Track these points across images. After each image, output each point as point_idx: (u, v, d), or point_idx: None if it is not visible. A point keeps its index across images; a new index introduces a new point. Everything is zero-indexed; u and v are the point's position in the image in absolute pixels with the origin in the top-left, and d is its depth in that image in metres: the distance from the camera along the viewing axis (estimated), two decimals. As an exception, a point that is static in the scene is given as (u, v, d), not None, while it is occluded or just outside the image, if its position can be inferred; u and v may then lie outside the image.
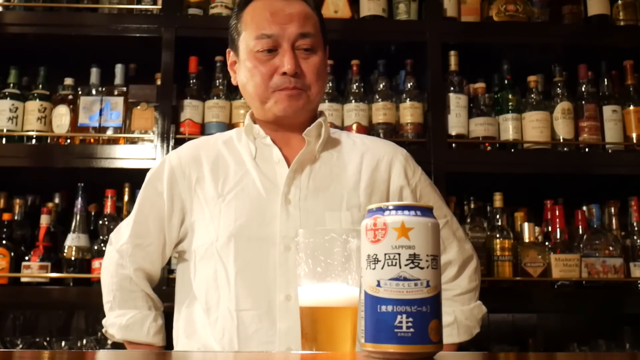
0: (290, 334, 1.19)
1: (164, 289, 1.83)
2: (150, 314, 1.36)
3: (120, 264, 1.36)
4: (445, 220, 1.38)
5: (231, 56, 1.41)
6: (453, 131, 2.07)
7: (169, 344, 1.37)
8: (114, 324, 1.34)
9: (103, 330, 1.38)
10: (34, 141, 2.07)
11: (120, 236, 1.39)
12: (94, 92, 2.12)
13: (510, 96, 2.12)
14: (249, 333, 1.22)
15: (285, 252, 1.24)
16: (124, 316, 1.34)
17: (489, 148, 2.10)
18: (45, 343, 2.05)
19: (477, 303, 1.39)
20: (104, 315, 1.38)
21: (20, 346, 2.03)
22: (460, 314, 1.35)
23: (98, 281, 1.93)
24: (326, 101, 2.08)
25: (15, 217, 2.07)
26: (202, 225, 1.30)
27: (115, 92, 2.11)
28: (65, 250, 2.00)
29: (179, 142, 1.94)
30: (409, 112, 2.07)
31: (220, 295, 1.25)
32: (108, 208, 2.06)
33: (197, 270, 1.30)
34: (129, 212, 1.70)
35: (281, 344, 1.20)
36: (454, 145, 2.07)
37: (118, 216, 2.06)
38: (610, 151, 2.11)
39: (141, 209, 1.38)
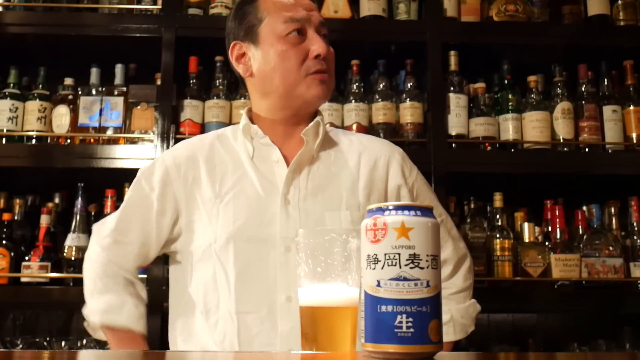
0: (292, 335, 1.19)
1: (164, 288, 1.83)
2: (130, 299, 1.34)
3: (102, 255, 1.36)
4: (440, 219, 1.38)
5: (237, 49, 1.37)
6: (453, 131, 2.07)
7: (165, 344, 1.37)
8: (93, 309, 1.33)
9: (85, 324, 1.36)
10: (34, 141, 2.07)
11: (104, 228, 1.38)
12: (94, 92, 2.12)
13: (510, 96, 2.12)
14: (250, 335, 1.21)
15: (286, 253, 1.23)
16: (102, 299, 1.33)
17: (489, 148, 2.10)
18: (45, 343, 2.05)
19: (471, 301, 1.41)
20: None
21: (20, 346, 2.03)
22: (456, 313, 1.36)
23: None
24: (326, 101, 2.08)
25: (15, 217, 2.07)
26: (199, 227, 1.29)
27: (115, 92, 2.11)
28: (65, 250, 2.00)
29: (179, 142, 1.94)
30: (409, 112, 2.07)
31: (219, 298, 1.24)
32: (108, 208, 2.06)
33: (195, 272, 1.29)
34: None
35: (283, 346, 1.19)
36: (454, 145, 2.07)
37: (118, 216, 2.06)
38: (610, 151, 2.11)
39: (127, 207, 1.37)
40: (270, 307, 1.21)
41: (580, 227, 2.08)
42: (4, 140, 2.06)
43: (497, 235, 2.02)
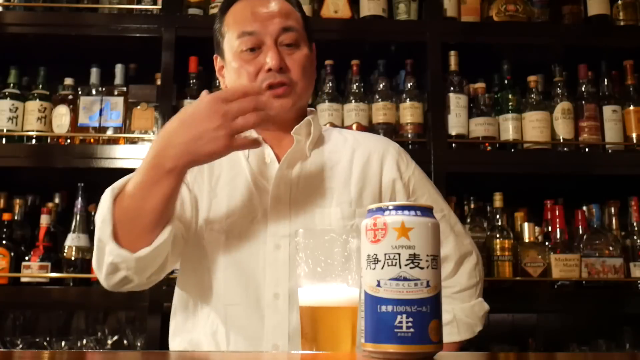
0: (277, 331, 1.20)
1: (164, 288, 1.83)
2: None
3: None
4: (442, 214, 1.37)
5: (218, 61, 1.41)
6: (453, 131, 2.07)
7: (165, 344, 1.37)
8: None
9: (108, 263, 1.13)
10: (34, 141, 2.07)
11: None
12: (94, 92, 2.12)
13: (510, 96, 2.12)
14: (236, 329, 1.22)
15: (275, 251, 1.24)
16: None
17: (489, 148, 2.10)
18: (45, 343, 2.05)
19: (478, 300, 1.37)
20: (103, 315, 1.35)
21: (20, 346, 2.03)
22: (459, 312, 1.34)
23: (98, 281, 1.95)
24: (326, 101, 2.08)
25: (15, 217, 2.07)
26: (194, 221, 1.30)
27: (115, 92, 2.11)
28: (65, 250, 2.00)
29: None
30: (409, 112, 2.07)
31: (209, 291, 1.26)
32: (108, 208, 2.05)
33: (188, 265, 1.31)
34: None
35: (268, 341, 1.20)
36: (454, 145, 2.07)
37: (118, 216, 2.05)
38: (610, 151, 2.11)
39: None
40: (258, 303, 1.22)
41: (580, 227, 2.08)
42: (4, 140, 2.06)
43: (497, 235, 2.02)
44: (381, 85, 2.12)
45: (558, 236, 2.04)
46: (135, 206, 1.12)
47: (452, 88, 2.09)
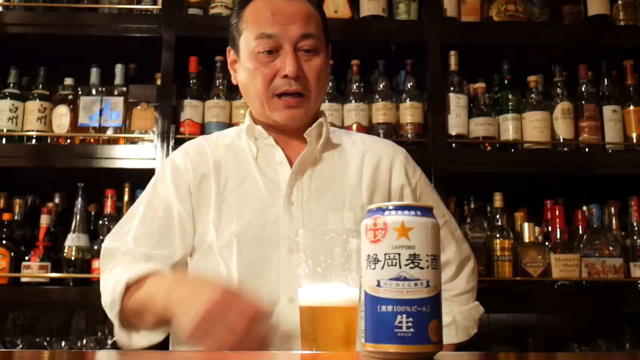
0: (293, 336, 1.19)
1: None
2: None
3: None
4: (444, 219, 1.38)
5: (231, 55, 1.39)
6: (453, 131, 2.07)
7: (165, 344, 1.36)
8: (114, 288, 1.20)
9: (117, 334, 1.24)
10: (34, 141, 2.07)
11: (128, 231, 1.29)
12: (94, 92, 2.12)
13: (510, 96, 2.12)
14: None
15: (289, 254, 1.23)
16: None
17: (489, 148, 2.10)
18: (45, 343, 2.05)
19: (474, 303, 1.40)
20: (103, 315, 1.33)
21: (20, 346, 2.03)
22: (458, 314, 1.36)
23: (98, 281, 1.95)
24: (326, 101, 2.08)
25: (15, 217, 2.07)
26: (203, 224, 1.29)
27: (115, 92, 2.11)
28: (65, 250, 2.00)
29: (179, 142, 1.94)
30: (409, 112, 2.07)
31: None
32: (108, 208, 2.06)
33: (196, 269, 1.29)
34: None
35: (282, 346, 1.19)
36: (454, 145, 2.07)
37: (118, 216, 2.05)
38: (610, 151, 2.11)
39: (145, 218, 1.30)
40: (273, 307, 1.21)
41: (580, 227, 2.08)
42: (4, 140, 2.06)
43: (497, 235, 2.02)
44: (381, 85, 2.12)
45: (558, 236, 2.04)
46: (137, 312, 1.18)
47: (452, 88, 2.09)
